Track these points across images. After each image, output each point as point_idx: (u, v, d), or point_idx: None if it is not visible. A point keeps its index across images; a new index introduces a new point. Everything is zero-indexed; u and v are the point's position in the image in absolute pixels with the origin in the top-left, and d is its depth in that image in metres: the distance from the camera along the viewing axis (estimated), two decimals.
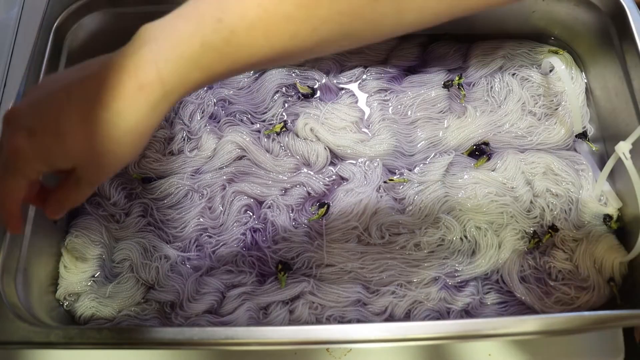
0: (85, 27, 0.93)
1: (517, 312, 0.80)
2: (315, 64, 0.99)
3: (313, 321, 0.80)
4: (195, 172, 0.92)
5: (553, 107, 0.94)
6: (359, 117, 0.94)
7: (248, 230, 0.87)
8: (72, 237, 0.86)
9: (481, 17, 0.97)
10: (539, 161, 0.88)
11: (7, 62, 0.95)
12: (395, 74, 0.98)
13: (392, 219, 0.86)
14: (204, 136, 0.93)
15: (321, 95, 0.97)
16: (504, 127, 0.93)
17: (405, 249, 0.84)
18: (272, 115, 0.95)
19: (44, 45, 0.88)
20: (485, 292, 0.82)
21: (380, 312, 0.81)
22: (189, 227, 0.88)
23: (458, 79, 0.96)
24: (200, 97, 0.97)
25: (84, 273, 0.84)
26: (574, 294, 0.80)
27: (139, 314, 0.81)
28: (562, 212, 0.86)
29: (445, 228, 0.85)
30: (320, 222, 0.87)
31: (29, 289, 0.77)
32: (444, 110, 0.94)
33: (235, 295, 0.82)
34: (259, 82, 0.98)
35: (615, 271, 0.81)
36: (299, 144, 0.92)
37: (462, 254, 0.84)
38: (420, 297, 0.81)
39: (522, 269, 0.83)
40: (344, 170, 0.91)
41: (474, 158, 0.91)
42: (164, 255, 0.85)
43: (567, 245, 0.84)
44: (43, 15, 0.90)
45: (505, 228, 0.85)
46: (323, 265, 0.84)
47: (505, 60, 0.98)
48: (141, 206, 0.89)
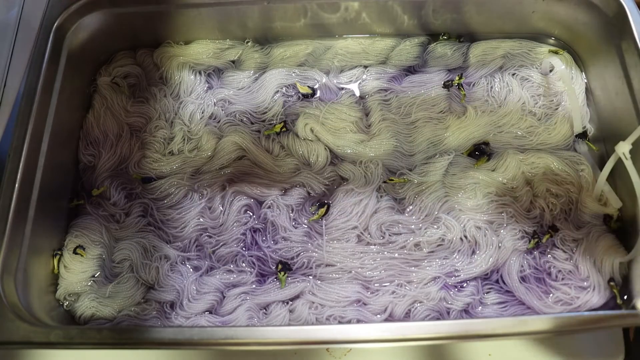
0: (85, 27, 0.93)
1: (517, 312, 0.80)
2: (315, 63, 0.99)
3: (313, 321, 0.80)
4: (195, 172, 0.92)
5: (553, 107, 0.94)
6: (359, 117, 0.94)
7: (248, 230, 0.87)
8: (72, 237, 0.86)
9: (481, 17, 0.97)
10: (539, 161, 0.88)
11: (7, 62, 0.95)
12: (395, 74, 0.98)
13: (392, 219, 0.86)
14: (204, 136, 0.93)
15: (321, 95, 0.97)
16: (504, 127, 0.93)
17: (405, 248, 0.84)
18: (272, 115, 0.95)
19: (44, 45, 0.88)
20: (485, 292, 0.82)
21: (380, 312, 0.81)
22: (189, 227, 0.88)
23: (458, 79, 0.96)
24: (200, 97, 0.97)
25: (84, 273, 0.84)
26: (574, 294, 0.80)
27: (139, 314, 0.81)
28: (562, 212, 0.86)
29: (445, 228, 0.85)
30: (320, 222, 0.87)
31: (29, 289, 0.77)
32: (444, 110, 0.94)
33: (235, 295, 0.82)
34: (259, 82, 0.98)
35: (615, 271, 0.81)
36: (299, 144, 0.92)
37: (462, 254, 0.84)
38: (420, 297, 0.81)
39: (522, 269, 0.83)
40: (344, 170, 0.91)
41: (474, 158, 0.91)
42: (164, 255, 0.85)
43: (567, 245, 0.84)
44: (43, 15, 0.90)
45: (505, 228, 0.85)
46: (323, 265, 0.84)
47: (505, 60, 0.98)
48: (141, 206, 0.89)
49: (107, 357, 0.82)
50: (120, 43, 1.00)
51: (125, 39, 0.99)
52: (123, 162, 0.93)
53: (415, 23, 0.99)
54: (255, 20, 0.98)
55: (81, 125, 0.95)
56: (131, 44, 1.00)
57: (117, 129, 0.94)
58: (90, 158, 0.93)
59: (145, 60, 1.00)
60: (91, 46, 0.95)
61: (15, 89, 0.89)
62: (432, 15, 0.97)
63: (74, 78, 0.92)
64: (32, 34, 0.90)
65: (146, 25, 0.98)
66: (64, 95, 0.89)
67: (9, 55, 0.96)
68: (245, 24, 0.98)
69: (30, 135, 0.82)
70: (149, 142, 0.93)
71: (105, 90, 0.96)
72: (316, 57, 1.00)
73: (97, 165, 0.92)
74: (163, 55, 1.00)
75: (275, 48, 1.00)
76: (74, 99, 0.93)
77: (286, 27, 0.99)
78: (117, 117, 0.95)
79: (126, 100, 0.96)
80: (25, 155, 0.80)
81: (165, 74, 0.99)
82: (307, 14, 0.97)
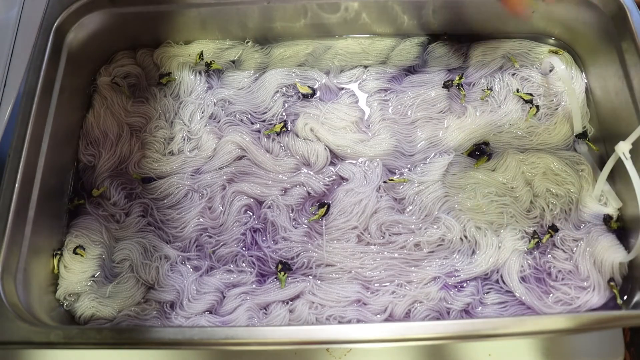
0: (85, 27, 0.93)
1: (517, 312, 0.80)
2: (315, 63, 0.99)
3: (313, 321, 0.80)
4: (195, 172, 0.92)
5: (553, 107, 0.94)
6: (359, 117, 0.94)
7: (248, 230, 0.87)
8: (72, 237, 0.86)
9: (481, 17, 0.97)
10: (539, 161, 0.88)
11: (7, 62, 0.95)
12: (395, 74, 0.98)
13: (392, 219, 0.86)
14: (204, 136, 0.93)
15: (321, 95, 0.97)
16: (504, 127, 0.93)
17: (405, 248, 0.85)
18: (272, 115, 0.95)
19: (44, 45, 0.88)
20: (485, 292, 0.82)
21: (380, 312, 0.81)
22: (189, 227, 0.88)
23: (458, 79, 0.96)
24: (200, 97, 0.97)
25: (84, 273, 0.84)
26: (574, 294, 0.80)
27: (139, 314, 0.81)
28: (562, 212, 0.86)
29: (445, 228, 0.85)
30: (320, 222, 0.87)
31: (29, 289, 0.77)
32: (444, 110, 0.95)
33: (235, 295, 0.82)
34: (259, 82, 0.98)
35: (615, 271, 0.81)
36: (299, 144, 0.92)
37: (462, 254, 0.84)
38: (420, 297, 0.81)
39: (522, 269, 0.83)
40: (344, 170, 0.91)
41: (474, 158, 0.91)
42: (164, 255, 0.85)
43: (567, 245, 0.84)
44: (43, 15, 0.90)
45: (505, 228, 0.85)
46: (323, 265, 0.84)
47: (505, 60, 0.98)
48: (141, 206, 0.89)
49: (107, 357, 0.82)
50: (120, 43, 1.00)
51: (125, 39, 0.99)
52: (123, 162, 0.93)
53: (415, 23, 0.99)
54: (255, 20, 0.98)
55: (81, 125, 0.95)
56: (131, 44, 1.00)
57: (117, 129, 0.94)
58: (90, 158, 0.93)
59: (145, 60, 1.00)
60: (91, 46, 0.95)
61: (15, 89, 0.89)
62: (432, 15, 0.97)
63: (74, 78, 0.92)
64: (32, 34, 0.90)
65: (146, 25, 0.98)
66: (64, 95, 0.89)
67: (9, 55, 0.96)
68: (245, 24, 0.99)
69: (30, 135, 0.82)
70: (149, 142, 0.93)
71: (105, 90, 0.96)
72: (316, 57, 1.00)
73: (97, 165, 0.92)
74: (163, 55, 1.00)
75: (275, 48, 1.00)
76: (74, 99, 0.93)
77: (286, 27, 0.99)
78: (117, 117, 0.95)
79: (126, 100, 0.96)
80: (25, 155, 0.80)
81: (165, 73, 0.99)
82: (307, 14, 0.97)
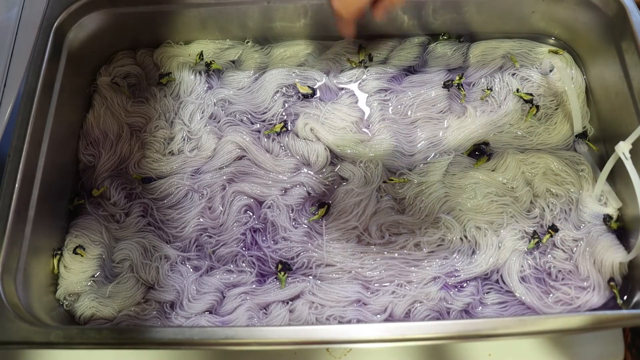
0: (85, 27, 0.93)
1: (517, 312, 0.80)
2: (315, 64, 0.99)
3: (313, 321, 0.80)
4: (195, 172, 0.92)
5: (553, 107, 0.94)
6: (359, 117, 0.94)
7: (248, 230, 0.87)
8: (72, 237, 0.86)
9: (481, 17, 0.97)
10: (539, 161, 0.88)
11: (7, 62, 0.95)
12: (395, 74, 0.98)
13: (392, 219, 0.86)
14: (204, 136, 0.93)
15: (321, 95, 0.97)
16: (504, 127, 0.93)
17: (405, 248, 0.84)
18: (272, 115, 0.95)
19: (44, 45, 0.88)
20: (485, 292, 0.82)
21: (380, 312, 0.81)
22: (189, 227, 0.88)
23: (458, 79, 0.96)
24: (200, 97, 0.97)
25: (84, 273, 0.84)
26: (574, 294, 0.80)
27: (139, 314, 0.81)
28: (562, 212, 0.86)
29: (445, 228, 0.85)
30: (320, 222, 0.87)
31: (29, 289, 0.77)
32: (444, 110, 0.94)
33: (235, 295, 0.82)
34: (259, 82, 0.98)
35: (615, 271, 0.81)
36: (299, 144, 0.92)
37: (462, 254, 0.84)
38: (420, 297, 0.81)
39: (522, 269, 0.83)
40: (344, 170, 0.91)
41: (474, 158, 0.91)
42: (164, 255, 0.85)
43: (567, 245, 0.84)
44: (43, 15, 0.90)
45: (505, 228, 0.85)
46: (323, 265, 0.84)
47: (505, 60, 0.98)
48: (141, 206, 0.89)
49: (107, 357, 0.82)
50: (120, 43, 1.00)
51: (125, 39, 0.99)
52: (123, 162, 0.93)
53: (415, 23, 0.99)
54: (255, 20, 0.98)
55: (81, 125, 0.95)
56: (131, 44, 1.00)
57: (117, 129, 0.94)
58: (90, 158, 0.93)
59: (145, 60, 1.00)
60: (91, 46, 0.95)
61: (15, 89, 0.89)
62: (432, 15, 0.97)
63: (74, 78, 0.92)
64: (32, 34, 0.90)
65: (146, 25, 0.98)
66: (64, 95, 0.89)
67: (9, 55, 0.96)
68: (245, 24, 0.98)
69: (30, 135, 0.82)
70: (149, 142, 0.93)
71: (105, 90, 0.96)
72: (316, 57, 1.00)
73: (97, 165, 0.92)
74: (163, 55, 1.00)
75: (275, 48, 1.00)
76: (74, 99, 0.93)
77: (286, 27, 0.99)
78: (117, 117, 0.95)
79: (126, 100, 0.96)
80: (25, 155, 0.80)
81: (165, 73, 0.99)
82: (307, 14, 0.96)
